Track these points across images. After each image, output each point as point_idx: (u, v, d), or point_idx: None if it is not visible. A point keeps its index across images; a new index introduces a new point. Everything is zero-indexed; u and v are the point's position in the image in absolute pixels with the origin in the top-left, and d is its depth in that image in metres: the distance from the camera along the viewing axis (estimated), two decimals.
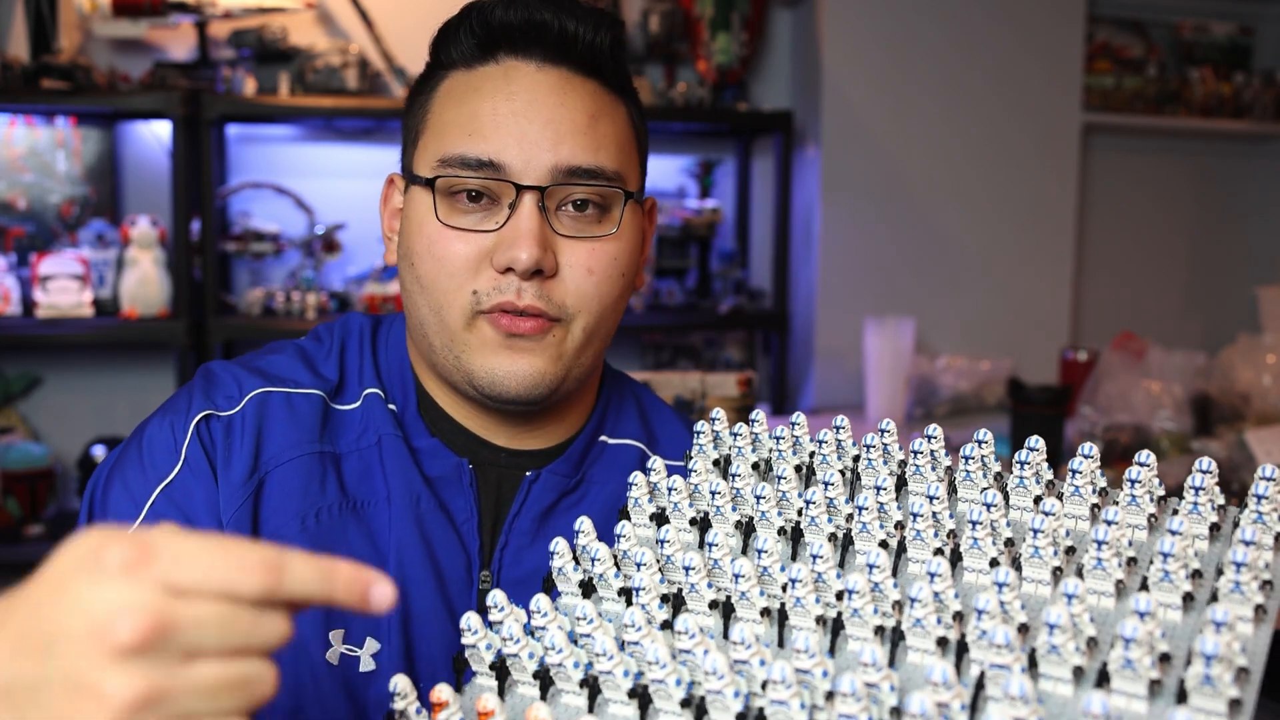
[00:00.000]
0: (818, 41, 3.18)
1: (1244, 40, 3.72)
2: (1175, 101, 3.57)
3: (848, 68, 3.18)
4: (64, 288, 2.66)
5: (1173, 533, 0.65)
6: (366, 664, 0.93)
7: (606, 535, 0.92)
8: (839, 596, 0.67)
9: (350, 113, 2.78)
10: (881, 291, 3.28)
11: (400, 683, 0.64)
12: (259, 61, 2.79)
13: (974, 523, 0.69)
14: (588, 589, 0.77)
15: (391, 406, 1.01)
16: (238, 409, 0.95)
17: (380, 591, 0.55)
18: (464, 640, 0.69)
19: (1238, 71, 3.64)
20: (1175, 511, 0.75)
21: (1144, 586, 0.67)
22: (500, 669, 0.68)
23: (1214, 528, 0.73)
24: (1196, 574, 0.67)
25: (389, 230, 1.04)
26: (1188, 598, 0.65)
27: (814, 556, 0.68)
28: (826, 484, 0.77)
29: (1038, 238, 3.42)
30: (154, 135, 2.91)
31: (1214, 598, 0.66)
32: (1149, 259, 3.77)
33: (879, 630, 0.65)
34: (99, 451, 2.76)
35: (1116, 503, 0.75)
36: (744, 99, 3.15)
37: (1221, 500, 0.75)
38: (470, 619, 0.69)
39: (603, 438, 1.07)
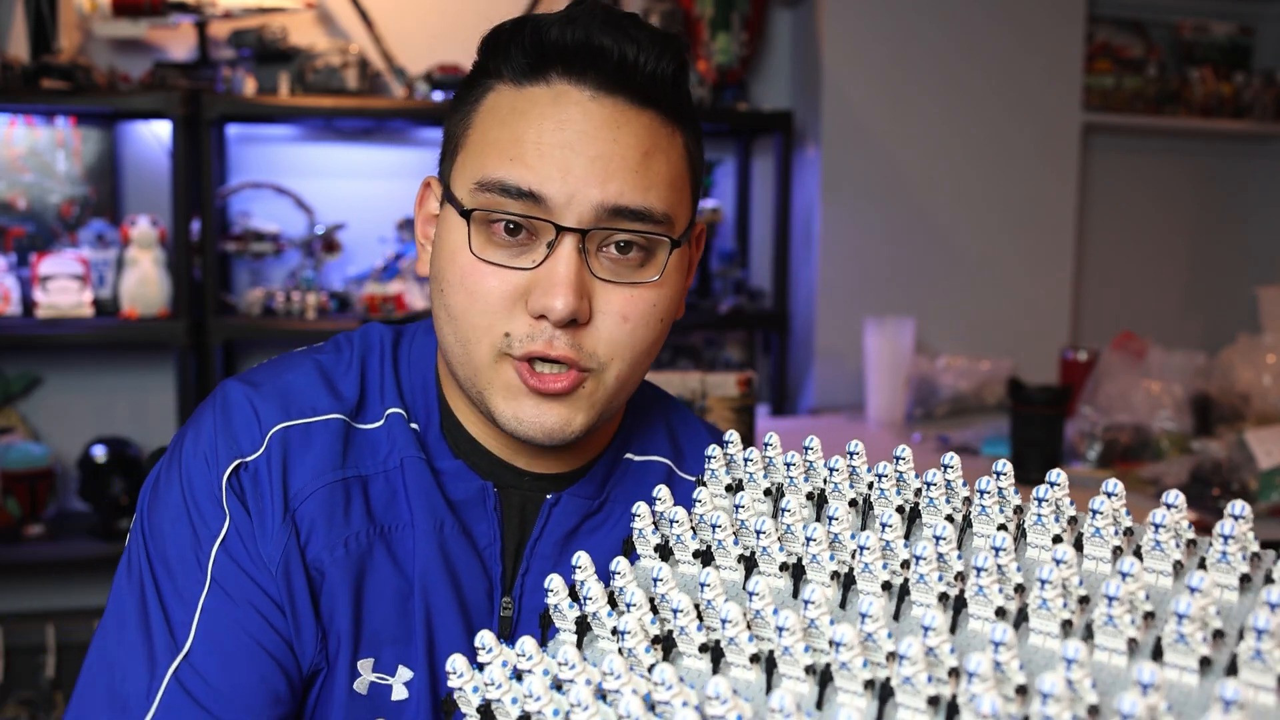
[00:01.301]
0: (818, 41, 3.18)
1: (1244, 40, 3.71)
2: (1175, 101, 3.56)
3: (848, 68, 3.18)
4: (64, 288, 2.66)
5: (1192, 590, 0.60)
6: (399, 692, 0.92)
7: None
8: (831, 645, 0.64)
9: (350, 113, 2.78)
10: (881, 291, 3.28)
11: None
12: (259, 61, 2.79)
13: (979, 569, 0.66)
14: (583, 626, 0.74)
15: (414, 426, 0.97)
16: (261, 452, 0.92)
17: None
18: (450, 683, 0.67)
19: (1238, 71, 3.64)
20: (1202, 561, 0.69)
21: (1158, 646, 0.62)
22: (486, 712, 0.66)
23: (1244, 579, 0.68)
24: (1218, 634, 0.62)
25: (423, 236, 0.99)
26: (1204, 662, 0.60)
27: (805, 602, 0.64)
28: (832, 518, 0.74)
29: (1038, 237, 3.42)
30: (154, 135, 2.90)
31: (1233, 666, 0.59)
32: (1149, 259, 3.76)
33: (869, 685, 0.61)
34: (99, 452, 2.76)
35: (1139, 548, 0.70)
36: (744, 99, 3.15)
37: (1256, 548, 0.69)
38: (456, 661, 0.67)
39: (628, 455, 1.03)
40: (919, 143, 3.28)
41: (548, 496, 0.97)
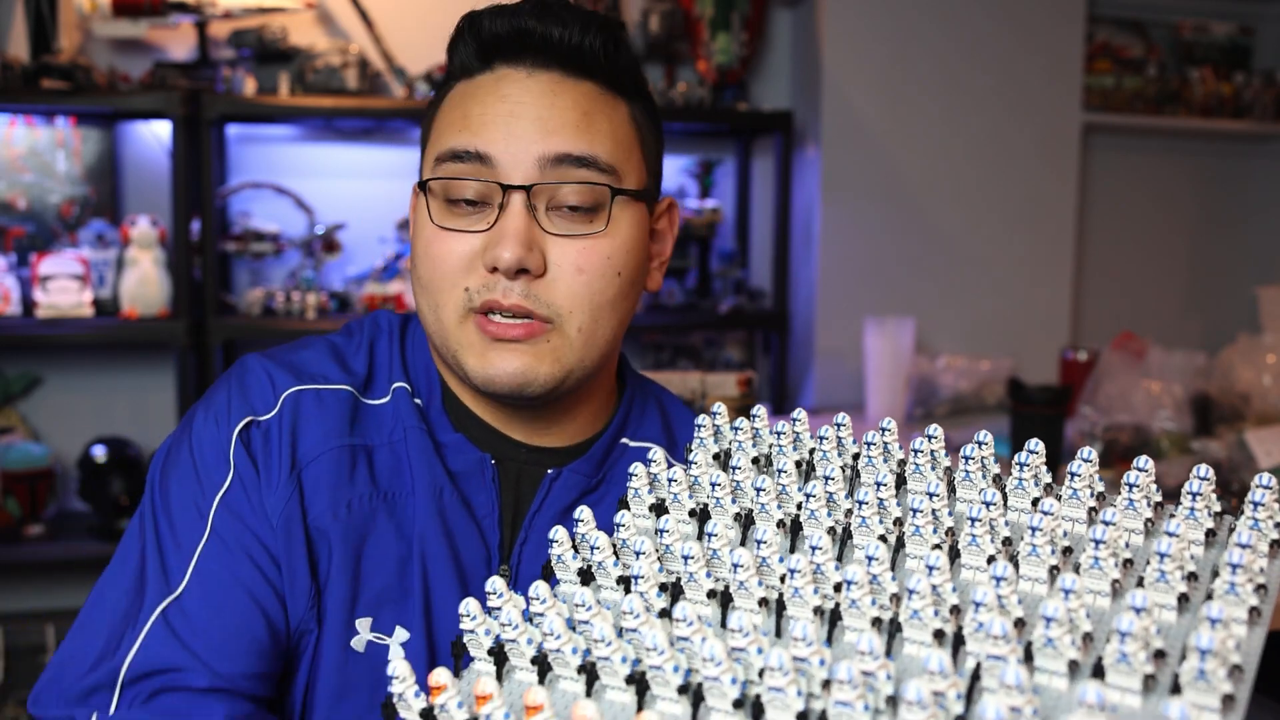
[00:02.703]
0: (818, 41, 3.18)
1: (1244, 40, 3.72)
2: (1175, 101, 3.57)
3: (848, 68, 3.18)
4: (64, 288, 2.66)
5: (1170, 534, 0.66)
6: (395, 652, 0.96)
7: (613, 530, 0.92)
8: (837, 588, 0.67)
9: (350, 113, 2.78)
10: (881, 291, 3.28)
11: (399, 667, 0.64)
12: (259, 61, 2.79)
13: (973, 520, 0.70)
14: (586, 577, 0.77)
15: (418, 401, 1.03)
16: (274, 412, 0.98)
17: None
18: (462, 625, 0.69)
19: (1238, 71, 3.64)
20: (1172, 516, 0.75)
21: (1140, 587, 0.67)
22: (499, 654, 0.68)
23: (1210, 534, 0.73)
24: (1192, 576, 0.67)
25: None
26: (1183, 599, 0.65)
27: (813, 548, 0.68)
28: (827, 478, 0.77)
29: (1038, 237, 3.42)
30: (154, 135, 2.91)
31: (1209, 598, 0.66)
32: (1149, 259, 3.76)
33: (876, 621, 0.65)
34: (99, 452, 2.76)
35: (1114, 506, 0.76)
36: (744, 99, 3.15)
37: (1218, 507, 0.75)
38: (469, 605, 0.69)
39: (624, 440, 1.09)
40: (919, 143, 3.28)
41: (549, 471, 1.03)
